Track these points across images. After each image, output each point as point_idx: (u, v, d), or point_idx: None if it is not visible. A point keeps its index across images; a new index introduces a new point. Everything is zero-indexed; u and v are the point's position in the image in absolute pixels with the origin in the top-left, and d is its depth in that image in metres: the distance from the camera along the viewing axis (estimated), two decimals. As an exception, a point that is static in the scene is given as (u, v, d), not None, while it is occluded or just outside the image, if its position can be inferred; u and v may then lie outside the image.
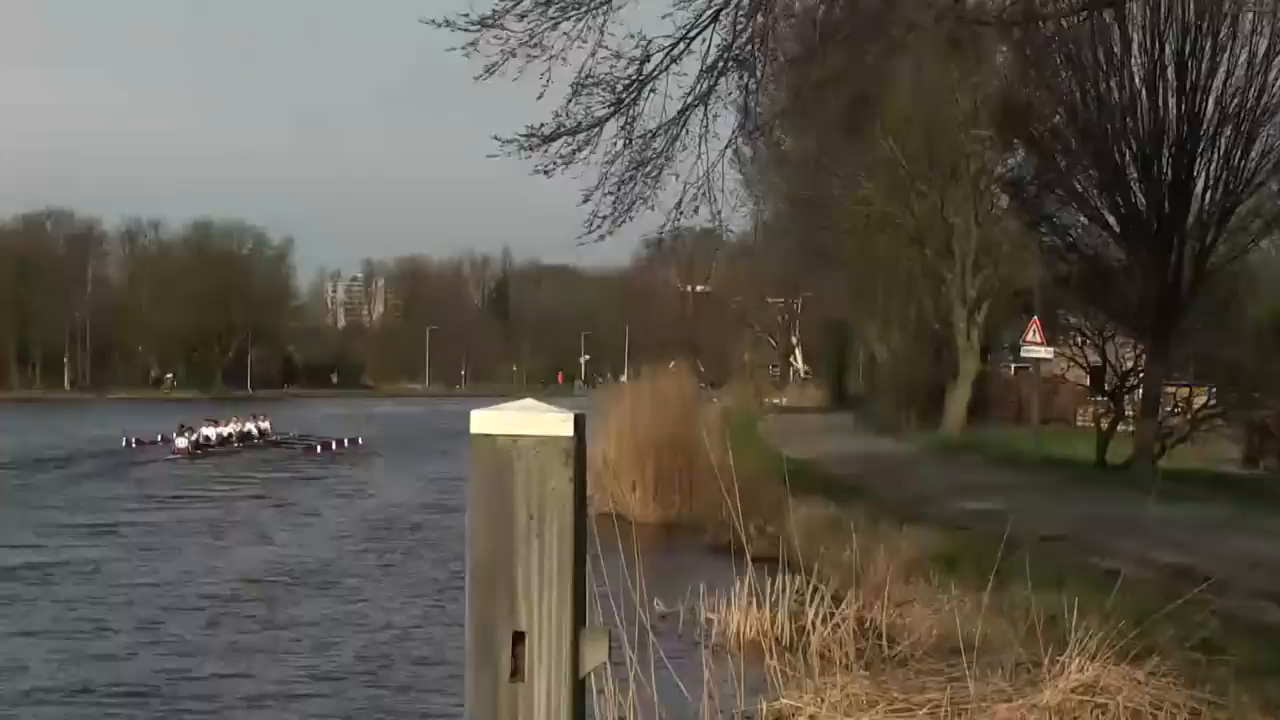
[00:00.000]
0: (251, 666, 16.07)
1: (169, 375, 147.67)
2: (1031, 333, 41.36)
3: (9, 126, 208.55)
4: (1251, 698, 10.88)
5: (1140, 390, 40.01)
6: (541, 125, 18.74)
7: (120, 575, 24.02)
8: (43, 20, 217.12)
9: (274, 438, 69.66)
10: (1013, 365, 57.50)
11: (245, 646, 17.41)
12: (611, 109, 18.84)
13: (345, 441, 65.40)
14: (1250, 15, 35.19)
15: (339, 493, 42.82)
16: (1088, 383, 45.93)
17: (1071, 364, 46.14)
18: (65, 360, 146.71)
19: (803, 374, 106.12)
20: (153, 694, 14.57)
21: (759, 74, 20.47)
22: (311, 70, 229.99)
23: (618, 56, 18.30)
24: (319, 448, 64.57)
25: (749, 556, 15.42)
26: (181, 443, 60.92)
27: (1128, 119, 36.55)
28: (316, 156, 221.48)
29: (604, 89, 18.58)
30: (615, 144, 19.24)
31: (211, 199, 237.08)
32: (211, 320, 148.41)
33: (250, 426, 69.37)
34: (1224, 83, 35.96)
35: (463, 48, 17.40)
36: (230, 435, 66.63)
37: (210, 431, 65.21)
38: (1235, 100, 36.11)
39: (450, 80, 33.77)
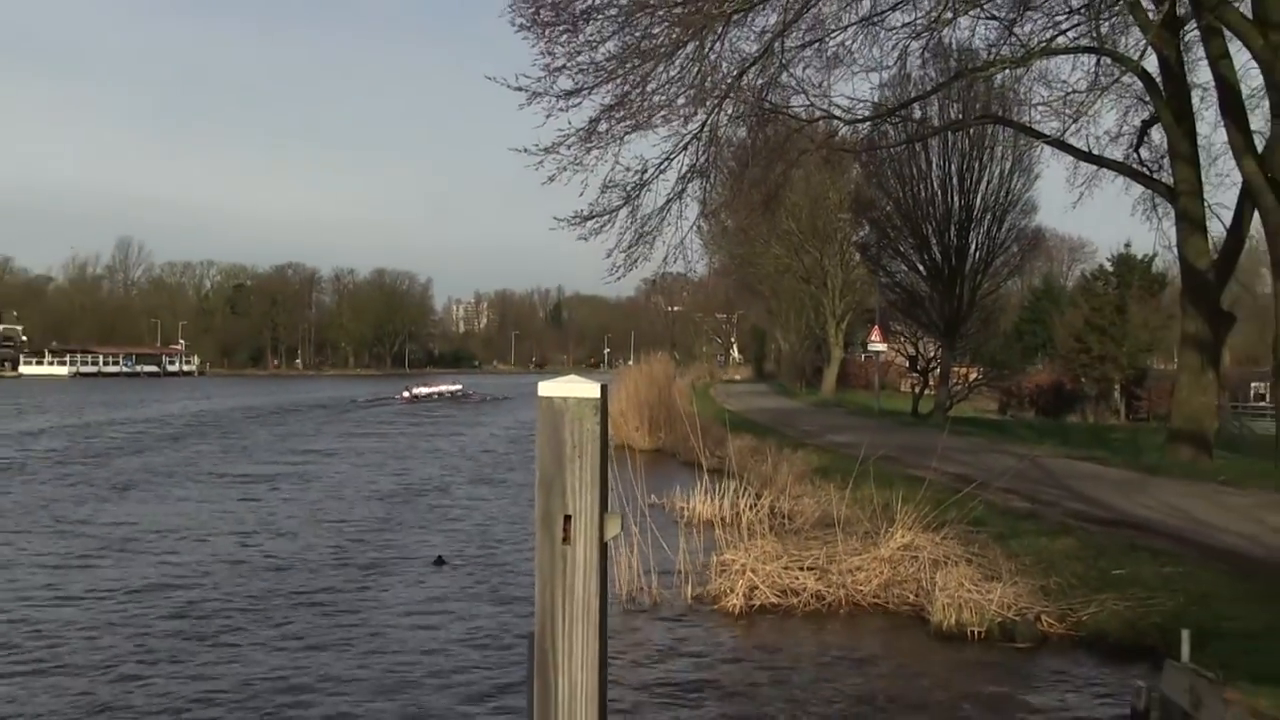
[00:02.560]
0: (407, 529, 16.06)
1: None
2: (874, 335, 41.51)
3: (270, 208, 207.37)
4: (1000, 551, 10.95)
5: (938, 369, 40.17)
6: (581, 210, 18.73)
7: (347, 474, 23.99)
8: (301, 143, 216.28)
9: (459, 393, 71.06)
10: (863, 354, 57.39)
11: (408, 516, 17.42)
12: (624, 201, 18.79)
13: (494, 397, 68.16)
14: (999, 147, 35.70)
15: (478, 424, 43.12)
16: (907, 365, 45.94)
17: (898, 354, 46.16)
18: (299, 352, 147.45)
19: (737, 360, 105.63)
20: (340, 552, 14.55)
21: (712, 179, 20.46)
22: (448, 170, 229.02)
23: (627, 169, 18.28)
24: (482, 398, 67.28)
25: (705, 469, 15.44)
26: (405, 395, 64.82)
27: (930, 208, 36.92)
28: (449, 225, 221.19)
29: (619, 189, 18.55)
30: (626, 222, 19.22)
31: (386, 253, 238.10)
32: (384, 328, 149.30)
33: (445, 387, 71.90)
34: (985, 187, 36.93)
35: (534, 165, 17.36)
36: (434, 393, 69.24)
37: (421, 390, 68.58)
38: (993, 197, 36.95)
39: (527, 182, 33.83)
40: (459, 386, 73.63)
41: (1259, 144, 19.43)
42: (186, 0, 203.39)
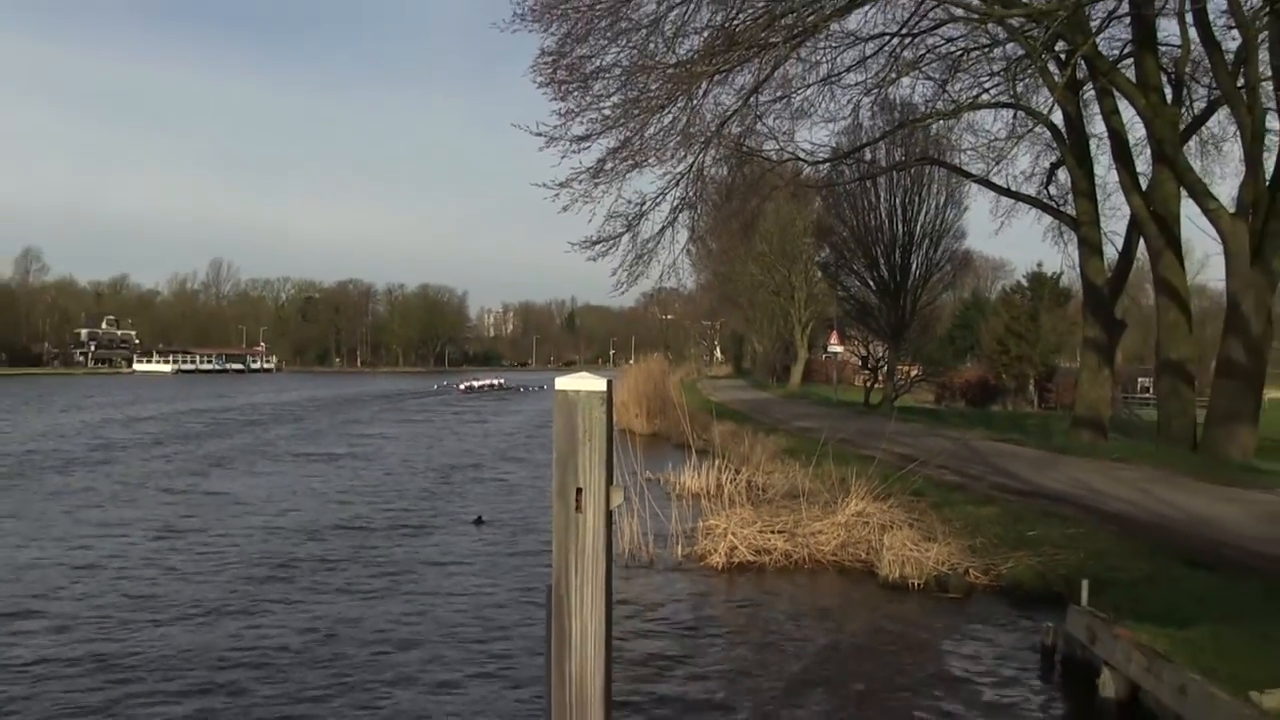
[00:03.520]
0: (451, 496, 16.03)
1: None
2: (832, 339, 41.30)
3: (334, 234, 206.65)
4: (936, 517, 10.96)
5: (885, 367, 40.11)
6: (591, 236, 18.65)
7: (402, 452, 23.65)
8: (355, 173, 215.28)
9: (504, 385, 71.83)
10: (824, 354, 57.21)
11: (451, 485, 17.39)
12: (625, 228, 18.69)
13: (533, 387, 68.66)
14: (935, 184, 35.64)
15: (506, 413, 42.36)
16: (860, 363, 45.85)
17: (852, 354, 46.06)
18: (358, 353, 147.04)
19: (720, 359, 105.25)
20: (397, 513, 14.54)
21: (699, 210, 20.40)
22: (482, 201, 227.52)
23: (629, 201, 18.21)
24: (517, 390, 67.66)
25: (693, 450, 15.41)
26: (462, 387, 66.36)
27: (879, 233, 36.79)
28: (482, 247, 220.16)
29: (622, 218, 18.46)
30: (628, 246, 19.13)
31: (430, 270, 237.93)
32: (428, 332, 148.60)
33: (493, 381, 72.90)
34: (924, 217, 36.71)
35: (552, 197, 17.30)
36: (484, 385, 70.26)
37: (475, 382, 70.35)
38: (930, 225, 36.79)
39: (547, 211, 33.68)
40: (502, 380, 74.35)
41: (1143, 183, 19.59)
42: (270, 65, 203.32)
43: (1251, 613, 6.79)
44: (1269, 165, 17.26)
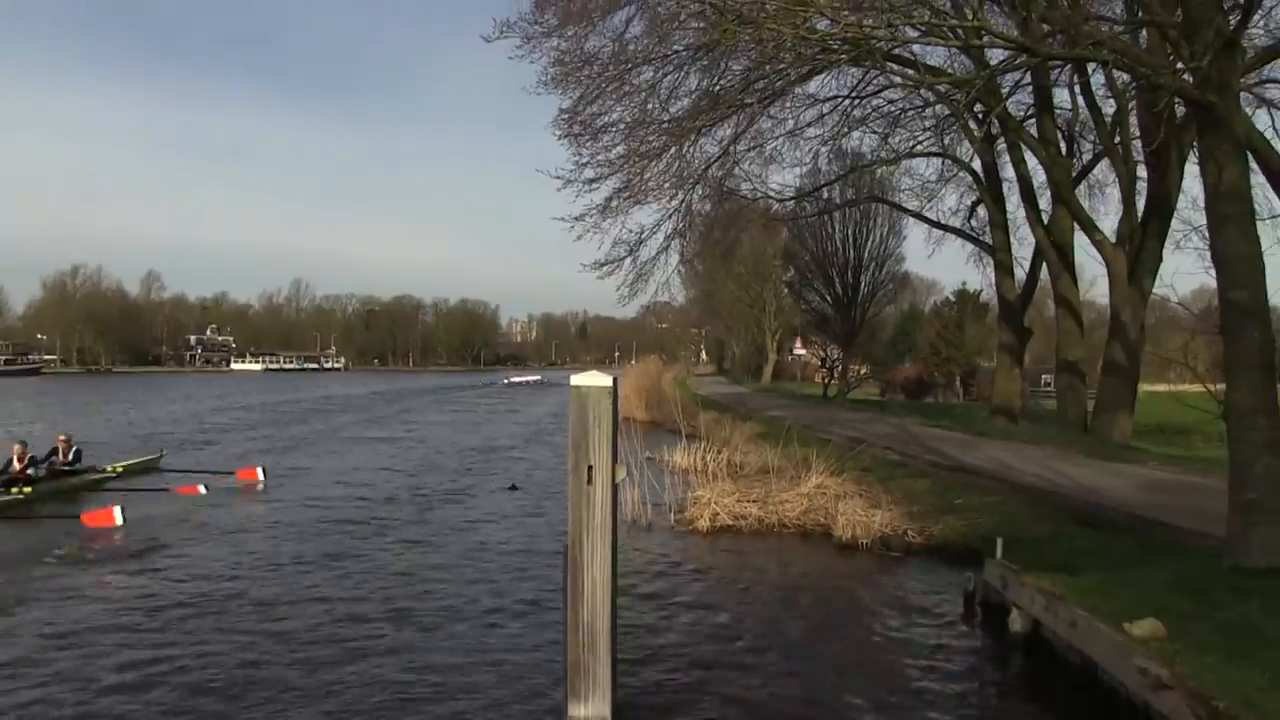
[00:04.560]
0: (490, 468, 15.99)
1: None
2: (797, 344, 41.34)
3: (391, 257, 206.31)
4: (881, 489, 10.88)
5: (840, 366, 40.08)
6: (599, 259, 18.43)
7: (439, 437, 23.43)
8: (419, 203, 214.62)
9: (538, 381, 71.06)
10: (790, 356, 57.11)
11: (490, 460, 17.32)
12: (628, 253, 18.51)
13: (552, 384, 67.69)
14: (880, 217, 35.67)
15: (531, 405, 41.90)
16: (819, 363, 45.80)
17: (813, 355, 46.00)
18: (410, 355, 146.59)
19: (705, 361, 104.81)
20: (446, 480, 14.52)
21: (688, 239, 20.28)
22: (512, 230, 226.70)
23: (631, 231, 18.08)
24: (549, 384, 66.73)
25: (684, 434, 15.39)
26: (504, 381, 66.38)
27: (835, 258, 36.75)
28: (511, 268, 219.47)
29: (624, 245, 18.31)
30: (629, 267, 18.94)
31: (468, 287, 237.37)
32: (467, 338, 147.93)
33: (531, 377, 72.61)
34: (871, 244, 36.60)
35: (568, 228, 17.14)
36: (524, 380, 70.22)
37: (516, 378, 70.70)
38: (875, 251, 36.77)
39: (563, 239, 33.52)
40: (539, 376, 74.16)
41: (1045, 218, 19.74)
42: (342, 119, 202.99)
43: (1127, 562, 6.85)
44: (1140, 205, 17.53)
